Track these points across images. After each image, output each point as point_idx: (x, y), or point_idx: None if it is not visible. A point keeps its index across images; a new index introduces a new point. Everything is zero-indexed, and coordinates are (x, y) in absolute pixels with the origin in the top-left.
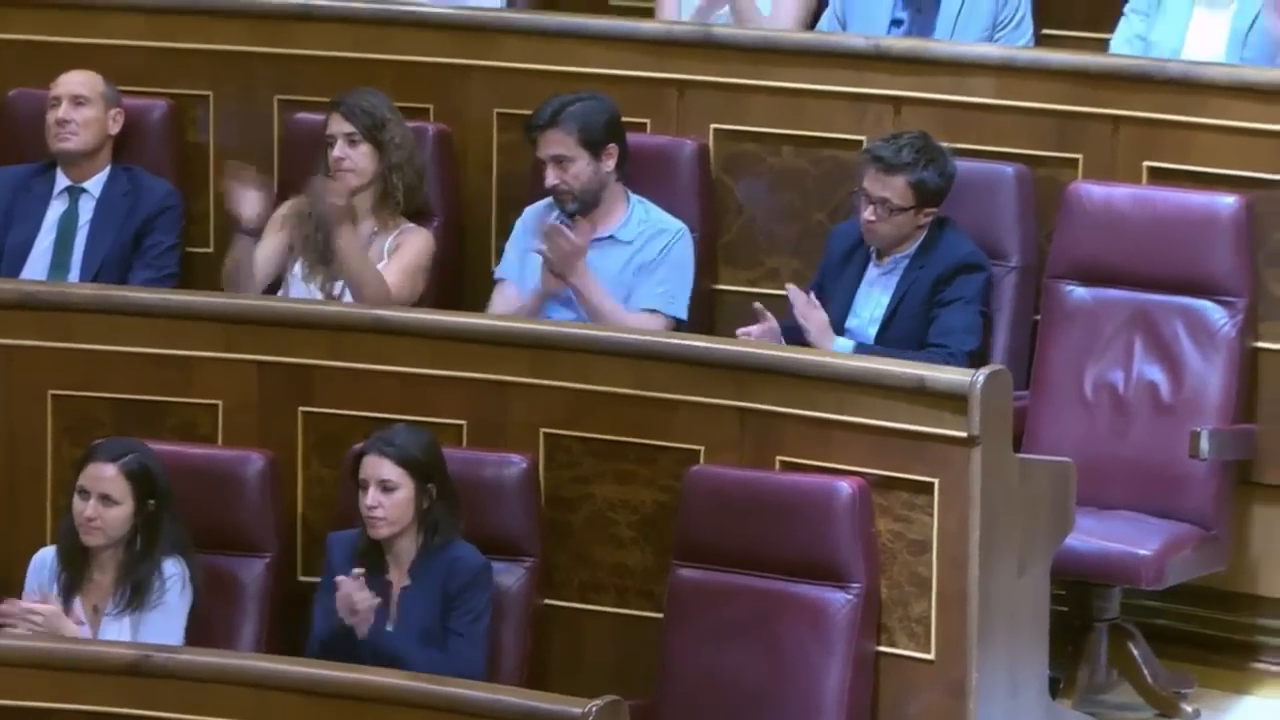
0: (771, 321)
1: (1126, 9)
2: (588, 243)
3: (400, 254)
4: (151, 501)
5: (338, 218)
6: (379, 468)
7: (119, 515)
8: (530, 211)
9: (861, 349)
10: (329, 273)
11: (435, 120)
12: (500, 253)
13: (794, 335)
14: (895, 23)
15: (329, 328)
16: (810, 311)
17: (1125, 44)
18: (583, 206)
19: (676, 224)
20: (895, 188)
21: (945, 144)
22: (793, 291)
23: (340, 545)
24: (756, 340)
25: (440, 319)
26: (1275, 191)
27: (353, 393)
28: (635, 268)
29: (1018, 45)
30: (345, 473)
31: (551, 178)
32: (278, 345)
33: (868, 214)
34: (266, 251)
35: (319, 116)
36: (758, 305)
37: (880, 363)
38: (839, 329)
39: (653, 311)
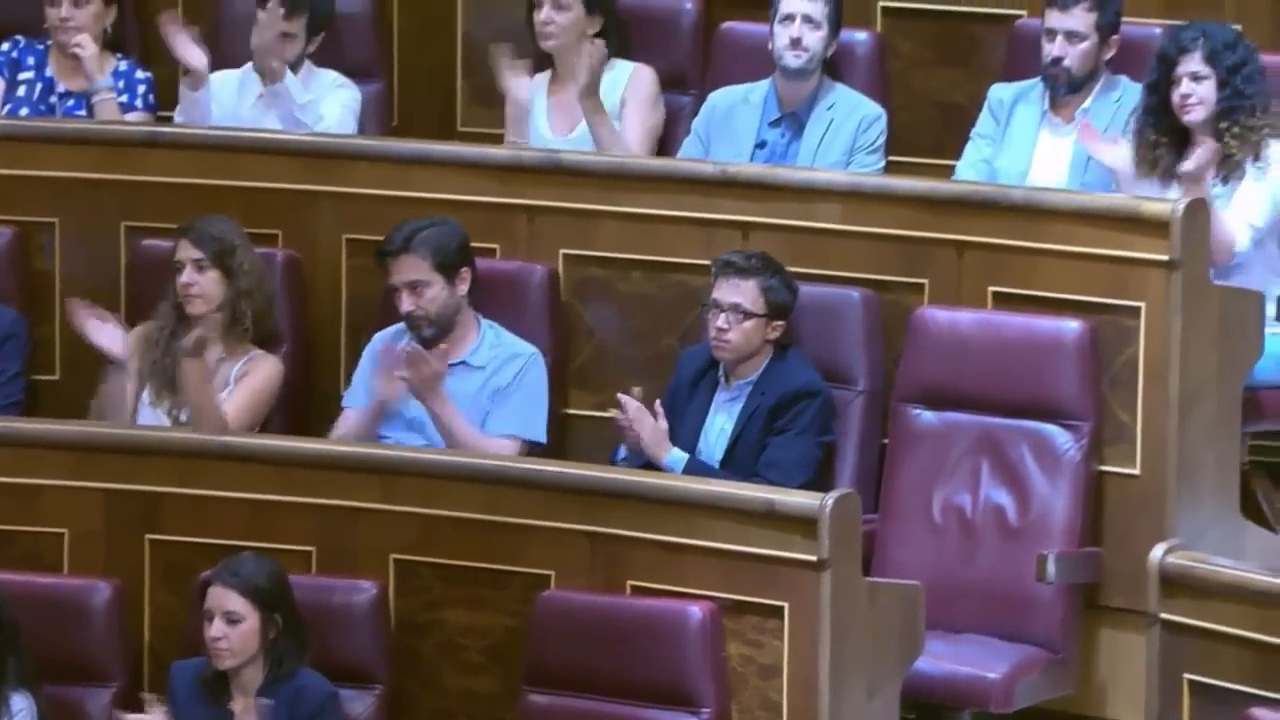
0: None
1: (973, 133)
2: (446, 367)
3: (247, 381)
4: None
5: (193, 350)
6: (224, 599)
7: None
8: (380, 338)
9: (694, 464)
10: (176, 399)
11: (284, 246)
12: (350, 379)
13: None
14: (759, 145)
15: (176, 455)
16: (643, 418)
17: (970, 169)
18: (438, 332)
19: (529, 348)
20: (748, 292)
21: (792, 268)
22: (624, 400)
23: (184, 674)
24: (627, 439)
25: (289, 445)
26: (1118, 316)
27: (200, 520)
28: (490, 393)
29: (872, 170)
30: (194, 600)
31: (406, 304)
32: (124, 473)
33: (720, 323)
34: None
35: (167, 243)
36: (617, 419)
37: (730, 486)
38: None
39: (511, 437)
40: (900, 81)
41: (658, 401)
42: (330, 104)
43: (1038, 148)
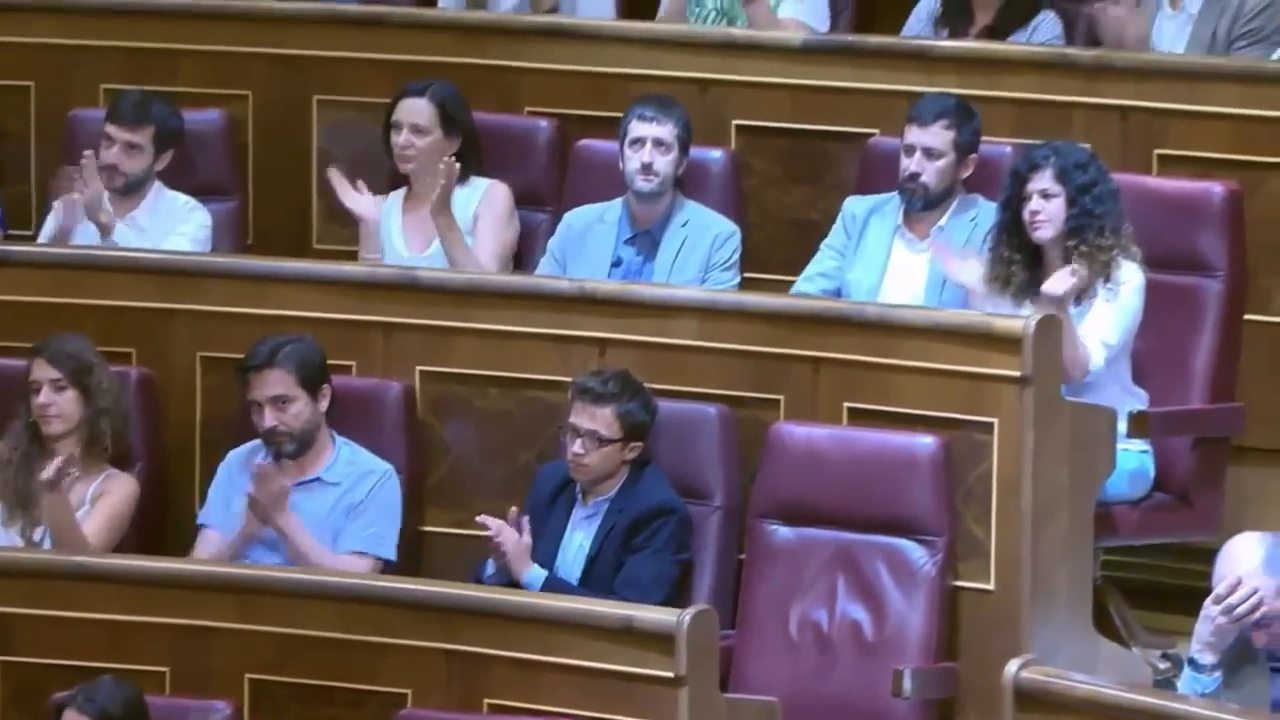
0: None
1: (823, 244)
2: (291, 485)
3: (105, 502)
4: None
5: (54, 481)
6: None
7: None
8: (235, 456)
9: (552, 581)
10: (29, 517)
11: (138, 364)
12: (205, 497)
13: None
14: (615, 264)
15: (28, 575)
16: (506, 533)
17: (807, 281)
18: (299, 448)
19: (383, 465)
20: (604, 419)
21: (649, 384)
22: (485, 519)
23: None
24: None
25: (143, 564)
26: (971, 432)
27: (53, 641)
28: (343, 509)
29: (728, 287)
30: None
31: (269, 419)
32: None
33: (576, 447)
34: None
35: (19, 363)
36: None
37: (587, 603)
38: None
39: (361, 554)
40: (755, 198)
41: (525, 518)
42: (175, 240)
43: (891, 262)
